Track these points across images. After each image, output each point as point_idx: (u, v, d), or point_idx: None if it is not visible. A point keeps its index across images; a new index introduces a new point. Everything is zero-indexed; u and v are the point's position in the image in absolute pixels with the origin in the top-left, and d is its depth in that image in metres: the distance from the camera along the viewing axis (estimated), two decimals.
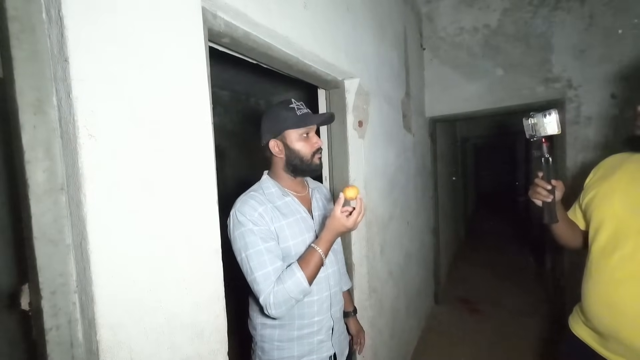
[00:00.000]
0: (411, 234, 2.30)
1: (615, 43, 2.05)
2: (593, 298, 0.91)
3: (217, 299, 0.75)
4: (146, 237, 0.60)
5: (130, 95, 0.58)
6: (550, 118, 0.91)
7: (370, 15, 1.66)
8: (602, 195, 0.92)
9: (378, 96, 1.74)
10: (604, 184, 0.94)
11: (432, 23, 2.72)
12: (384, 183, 1.82)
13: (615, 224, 0.87)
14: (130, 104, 0.58)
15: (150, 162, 0.61)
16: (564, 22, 2.20)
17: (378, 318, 1.70)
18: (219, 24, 0.81)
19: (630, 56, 2.01)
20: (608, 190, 0.91)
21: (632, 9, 1.99)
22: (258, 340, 0.98)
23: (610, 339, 0.87)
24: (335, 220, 0.85)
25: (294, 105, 0.94)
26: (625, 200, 0.86)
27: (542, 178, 0.94)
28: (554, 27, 2.24)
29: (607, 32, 2.07)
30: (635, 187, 0.85)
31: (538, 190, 0.94)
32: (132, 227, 0.58)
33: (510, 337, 2.42)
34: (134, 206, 0.59)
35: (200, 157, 0.72)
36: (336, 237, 0.89)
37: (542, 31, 2.28)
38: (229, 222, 0.90)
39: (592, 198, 0.95)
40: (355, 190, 0.84)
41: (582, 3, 2.14)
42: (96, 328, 0.54)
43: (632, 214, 0.83)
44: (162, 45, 0.64)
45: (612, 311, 0.85)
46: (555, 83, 2.26)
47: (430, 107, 2.79)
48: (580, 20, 2.15)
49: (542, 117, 0.92)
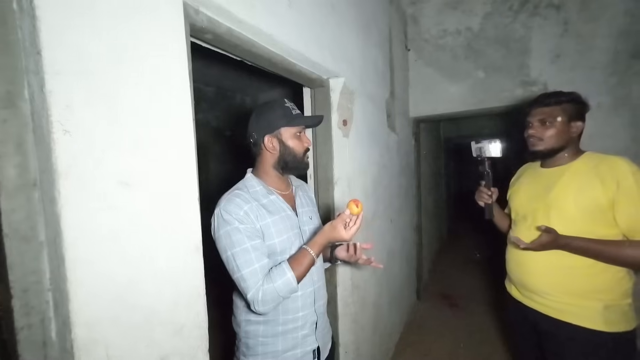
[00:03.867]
0: (394, 231, 2.35)
1: (587, 50, 2.16)
2: (510, 259, 1.29)
3: (197, 296, 0.75)
4: (124, 233, 0.60)
5: (108, 90, 0.57)
6: (495, 145, 1.31)
7: (355, 15, 1.68)
8: (515, 190, 1.33)
9: (363, 96, 1.77)
10: (516, 183, 1.36)
11: (416, 24, 2.77)
12: (368, 181, 1.85)
13: (522, 209, 1.25)
14: (108, 99, 0.57)
15: (129, 158, 0.61)
16: (541, 27, 2.30)
17: (361, 314, 1.73)
18: (202, 20, 0.80)
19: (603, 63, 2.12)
20: (518, 187, 1.32)
21: (603, 18, 2.10)
22: (242, 336, 0.99)
23: (521, 287, 1.24)
24: (334, 230, 0.87)
25: (289, 105, 0.97)
26: (526, 193, 1.26)
27: (484, 186, 1.33)
28: (532, 32, 2.33)
29: (580, 39, 2.18)
30: (531, 185, 1.25)
31: (481, 195, 1.33)
32: (109, 224, 0.58)
33: (485, 329, 2.52)
34: (111, 202, 0.58)
35: (181, 153, 0.72)
36: (330, 244, 0.92)
37: (521, 36, 2.37)
38: (213, 220, 0.89)
39: (511, 193, 1.36)
40: (360, 206, 0.87)
41: (558, 10, 2.24)
42: (71, 326, 0.53)
43: (529, 201, 1.22)
44: (142, 39, 0.63)
45: (521, 267, 1.21)
46: (533, 86, 2.35)
47: (414, 107, 2.85)
48: (556, 26, 2.25)
49: (488, 143, 1.31)
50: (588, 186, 1.05)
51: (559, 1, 2.22)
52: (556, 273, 1.10)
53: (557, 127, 1.11)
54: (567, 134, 1.12)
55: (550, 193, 1.13)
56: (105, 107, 0.57)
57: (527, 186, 1.27)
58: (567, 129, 1.11)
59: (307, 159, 1.02)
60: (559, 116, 1.11)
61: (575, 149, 1.15)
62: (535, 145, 1.17)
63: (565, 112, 1.11)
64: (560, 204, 1.10)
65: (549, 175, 1.18)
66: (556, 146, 1.13)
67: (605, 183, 1.02)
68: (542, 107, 1.14)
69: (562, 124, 1.11)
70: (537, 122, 1.15)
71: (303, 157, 0.99)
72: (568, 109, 1.11)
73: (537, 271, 1.15)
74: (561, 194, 1.11)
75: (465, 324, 2.63)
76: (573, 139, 1.13)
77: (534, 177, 1.26)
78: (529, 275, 1.18)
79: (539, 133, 1.14)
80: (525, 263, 1.18)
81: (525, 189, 1.27)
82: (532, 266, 1.16)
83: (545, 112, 1.13)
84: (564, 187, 1.11)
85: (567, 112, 1.11)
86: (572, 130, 1.12)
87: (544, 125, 1.13)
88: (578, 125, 1.12)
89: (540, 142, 1.15)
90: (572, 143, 1.14)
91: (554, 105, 1.12)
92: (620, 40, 2.06)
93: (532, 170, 1.30)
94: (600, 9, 2.11)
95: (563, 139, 1.12)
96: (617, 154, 1.09)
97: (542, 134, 1.13)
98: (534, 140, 1.17)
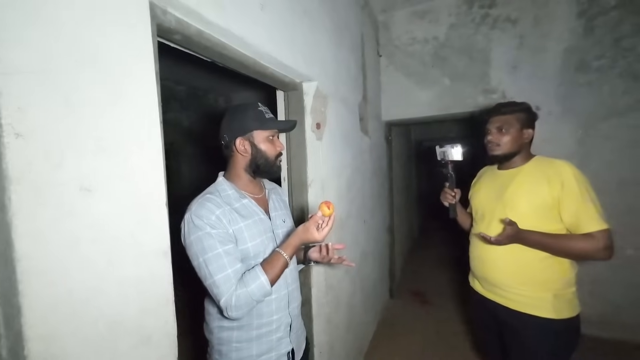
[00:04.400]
0: (367, 232, 2.41)
1: (539, 63, 2.36)
2: (472, 255, 1.39)
3: (166, 303, 0.73)
4: (85, 241, 0.57)
5: (68, 91, 0.55)
6: (457, 149, 1.39)
7: (328, 20, 1.71)
8: (476, 191, 1.44)
9: (336, 99, 1.80)
10: (477, 185, 1.47)
11: (388, 31, 2.87)
12: (342, 184, 1.89)
13: (481, 208, 1.36)
14: (67, 100, 0.55)
15: (91, 161, 0.58)
16: (500, 40, 2.48)
17: (335, 314, 1.76)
18: (170, 20, 0.79)
19: (553, 74, 2.33)
20: (478, 188, 1.43)
21: (552, 35, 2.31)
22: (215, 343, 0.97)
23: (484, 281, 1.33)
24: (307, 231, 0.88)
25: (262, 109, 0.97)
26: (485, 194, 1.36)
27: (448, 187, 1.43)
28: (492, 44, 2.51)
29: (533, 52, 2.38)
30: (489, 185, 1.36)
31: (446, 195, 1.44)
32: (69, 232, 0.55)
33: (454, 323, 2.66)
34: (70, 209, 0.55)
35: (148, 155, 0.70)
36: (302, 245, 0.93)
37: (483, 47, 2.54)
38: (183, 226, 0.87)
39: (472, 194, 1.48)
40: (332, 208, 0.90)
41: (514, 25, 2.43)
42: (24, 342, 0.50)
43: (487, 201, 1.33)
44: (106, 38, 0.61)
45: (483, 263, 1.31)
46: (493, 94, 2.53)
47: (386, 111, 2.95)
48: (512, 39, 2.44)
49: (450, 147, 1.40)
50: (537, 186, 1.16)
51: (515, 16, 2.41)
52: (514, 266, 1.20)
53: (512, 134, 1.22)
54: (521, 140, 1.23)
55: (506, 193, 1.24)
56: (65, 108, 0.54)
57: (486, 187, 1.38)
58: (520, 135, 1.23)
59: (280, 162, 1.03)
60: (514, 124, 1.22)
61: (526, 153, 1.26)
62: (493, 150, 1.27)
63: (519, 120, 1.22)
64: (514, 202, 1.20)
65: (505, 176, 1.29)
66: (511, 151, 1.24)
67: (551, 184, 1.13)
68: (499, 115, 1.25)
69: (517, 131, 1.22)
70: (495, 129, 1.25)
71: (275, 160, 1.00)
72: (521, 117, 1.23)
73: (497, 265, 1.25)
74: (515, 193, 1.21)
75: (436, 319, 2.75)
76: (525, 145, 1.25)
77: (491, 179, 1.37)
78: (491, 270, 1.27)
79: (496, 139, 1.25)
80: (487, 259, 1.28)
81: (484, 189, 1.38)
82: (493, 261, 1.26)
83: (501, 120, 1.24)
84: (517, 187, 1.22)
85: (521, 121, 1.22)
86: (524, 137, 1.23)
87: (501, 132, 1.24)
88: (529, 133, 1.24)
89: (498, 147, 1.25)
90: (524, 148, 1.25)
91: (509, 114, 1.23)
92: (567, 54, 2.28)
93: (491, 172, 1.41)
94: (550, 26, 2.32)
95: (517, 145, 1.23)
96: (565, 157, 1.22)
97: (500, 139, 1.24)
98: (492, 146, 1.27)
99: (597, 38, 2.20)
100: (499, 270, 1.24)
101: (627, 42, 2.13)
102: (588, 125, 2.26)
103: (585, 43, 2.23)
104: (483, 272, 1.31)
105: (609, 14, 2.16)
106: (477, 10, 2.53)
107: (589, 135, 2.27)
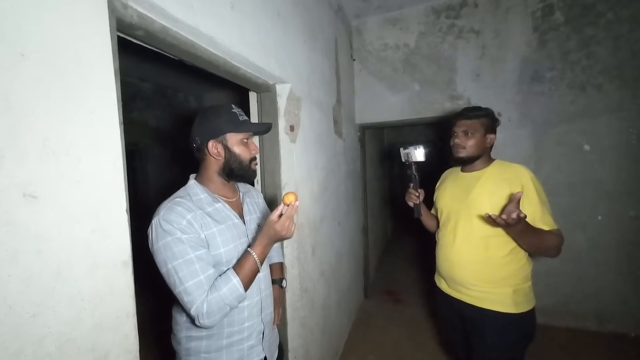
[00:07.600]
0: (342, 233, 2.43)
1: (500, 72, 2.53)
2: (439, 256, 1.43)
3: (126, 317, 0.68)
4: (29, 254, 0.52)
5: (8, 89, 0.49)
6: (420, 150, 1.41)
7: (302, 23, 1.71)
8: (441, 193, 1.48)
9: (310, 102, 1.80)
10: (441, 186, 1.51)
11: (361, 36, 2.93)
12: (316, 186, 1.89)
13: (447, 210, 1.40)
14: (8, 98, 0.49)
15: (36, 166, 0.53)
16: (465, 49, 2.62)
17: (309, 317, 1.75)
18: (131, 15, 0.74)
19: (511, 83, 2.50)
20: (443, 190, 1.47)
21: (510, 46, 2.49)
22: (183, 354, 0.92)
23: (450, 280, 1.38)
24: (269, 224, 0.85)
25: (236, 111, 0.94)
26: (450, 195, 1.41)
27: (412, 188, 1.46)
28: (457, 52, 2.64)
29: (494, 61, 2.54)
30: (454, 187, 1.41)
31: (410, 196, 1.47)
32: (8, 243, 0.49)
33: (424, 320, 2.75)
34: (10, 218, 0.50)
35: (105, 157, 0.65)
36: (271, 242, 0.88)
37: (449, 55, 2.67)
38: (150, 231, 0.82)
39: (437, 196, 1.52)
40: (291, 195, 0.86)
41: (477, 35, 2.58)
42: None
43: (453, 202, 1.37)
44: (57, 32, 0.56)
45: (448, 262, 1.36)
46: (459, 100, 2.66)
47: (360, 114, 3.00)
48: (476, 49, 2.58)
49: (413, 149, 1.41)
50: (499, 188, 1.23)
51: (478, 27, 2.57)
52: (478, 265, 1.27)
53: (477, 138, 1.29)
54: (484, 144, 1.31)
55: (470, 195, 1.31)
56: (4, 107, 0.49)
57: (450, 189, 1.44)
58: (484, 140, 1.30)
59: (255, 166, 1.00)
60: (479, 129, 1.29)
61: (488, 157, 1.34)
62: (459, 153, 1.33)
63: (483, 125, 1.30)
64: (477, 203, 1.27)
65: (468, 179, 1.36)
66: (475, 154, 1.31)
67: (512, 186, 1.20)
68: (465, 119, 1.31)
69: (481, 136, 1.29)
70: (461, 132, 1.32)
71: (250, 164, 0.97)
72: (485, 123, 1.30)
73: (462, 264, 1.31)
74: (478, 195, 1.28)
75: (408, 317, 2.83)
76: (487, 149, 1.33)
77: (455, 181, 1.43)
78: (457, 269, 1.33)
79: (462, 142, 1.31)
80: (454, 259, 1.34)
81: (449, 191, 1.43)
82: (458, 260, 1.32)
83: (467, 124, 1.30)
84: (480, 189, 1.29)
85: (485, 126, 1.30)
86: (487, 141, 1.31)
87: (467, 135, 1.30)
88: (492, 137, 1.31)
89: (463, 150, 1.31)
90: (486, 152, 1.33)
91: (475, 118, 1.30)
92: (524, 65, 2.46)
93: (454, 175, 1.47)
94: (508, 38, 2.49)
95: (480, 149, 1.30)
96: (523, 160, 1.32)
97: (465, 143, 1.30)
98: (458, 148, 1.33)
99: (549, 51, 2.39)
100: (465, 269, 1.30)
101: (573, 56, 2.34)
102: (542, 131, 2.45)
103: (539, 55, 2.42)
104: (449, 271, 1.36)
105: (559, 29, 2.36)
106: (444, 20, 2.66)
107: (543, 140, 2.46)
